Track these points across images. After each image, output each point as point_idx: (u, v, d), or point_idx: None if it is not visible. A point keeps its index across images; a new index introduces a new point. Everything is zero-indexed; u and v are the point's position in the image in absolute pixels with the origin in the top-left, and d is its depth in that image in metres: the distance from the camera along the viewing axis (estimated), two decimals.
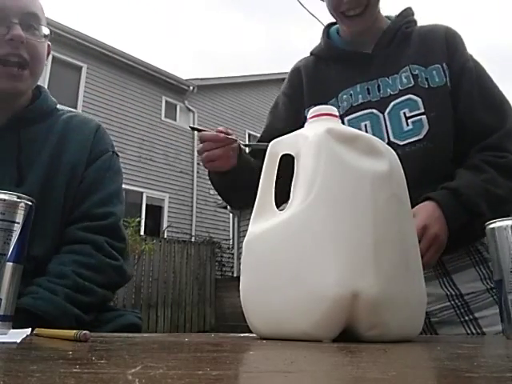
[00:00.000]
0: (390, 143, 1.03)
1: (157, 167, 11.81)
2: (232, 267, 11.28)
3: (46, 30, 0.99)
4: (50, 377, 0.27)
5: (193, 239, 11.22)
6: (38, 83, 1.06)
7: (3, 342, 0.48)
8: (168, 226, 11.22)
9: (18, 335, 0.53)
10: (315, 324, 0.55)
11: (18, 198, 0.61)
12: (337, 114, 0.69)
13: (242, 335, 0.76)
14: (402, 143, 1.04)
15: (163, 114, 12.51)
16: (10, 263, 0.58)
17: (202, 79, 13.43)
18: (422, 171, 1.00)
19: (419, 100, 1.06)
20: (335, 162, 0.60)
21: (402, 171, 0.68)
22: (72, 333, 0.50)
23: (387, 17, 1.21)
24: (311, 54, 1.29)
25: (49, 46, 1.05)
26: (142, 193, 11.13)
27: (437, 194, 0.95)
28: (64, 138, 1.02)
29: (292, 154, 0.65)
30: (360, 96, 1.11)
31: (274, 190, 0.69)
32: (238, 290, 0.68)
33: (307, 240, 0.58)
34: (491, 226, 0.69)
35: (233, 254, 11.39)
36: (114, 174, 1.08)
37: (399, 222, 0.62)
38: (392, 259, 0.59)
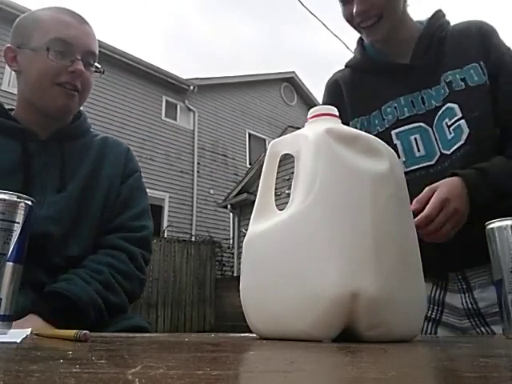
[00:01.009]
0: (442, 155, 1.05)
1: (157, 167, 11.81)
2: (232, 267, 11.29)
3: (98, 65, 1.16)
4: (49, 377, 0.27)
5: (193, 239, 11.22)
6: None
7: (3, 342, 0.48)
8: (168, 226, 11.23)
9: (18, 335, 0.53)
10: (315, 324, 0.55)
11: (18, 197, 0.61)
12: (337, 113, 0.69)
13: (242, 335, 0.76)
14: (449, 152, 1.04)
15: (163, 114, 12.51)
16: (10, 263, 0.58)
17: (202, 79, 13.44)
18: None
19: (455, 106, 1.04)
20: (335, 161, 0.60)
21: (402, 171, 0.68)
22: (72, 333, 0.50)
23: (418, 21, 1.17)
24: (347, 66, 1.26)
25: None
26: None
27: (463, 171, 0.94)
28: (102, 154, 1.16)
29: (292, 153, 0.65)
30: (405, 109, 1.10)
31: (274, 189, 0.69)
32: (238, 290, 0.68)
33: (307, 240, 0.58)
34: (491, 225, 0.69)
35: (233, 253, 11.40)
36: (142, 192, 1.22)
37: (399, 222, 0.62)
38: (392, 259, 0.59)
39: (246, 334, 0.73)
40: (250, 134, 14.58)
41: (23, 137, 1.07)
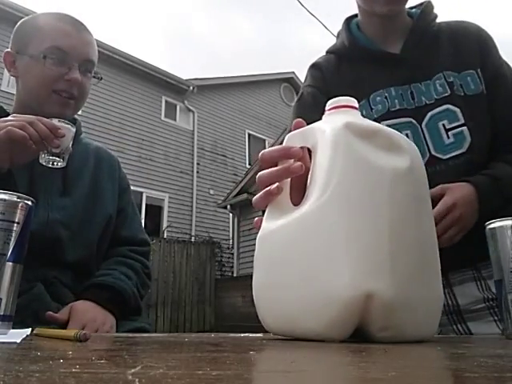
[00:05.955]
0: (431, 157, 1.00)
1: (157, 167, 11.81)
2: (232, 267, 11.27)
3: (96, 72, 1.17)
4: (49, 377, 0.27)
5: (193, 239, 11.21)
6: None
7: (3, 342, 0.48)
8: (168, 226, 11.22)
9: (17, 335, 0.53)
10: (327, 325, 0.54)
11: (18, 197, 0.61)
12: (356, 105, 0.66)
13: (242, 335, 0.76)
14: (444, 157, 1.00)
15: (163, 114, 12.52)
16: (10, 263, 0.58)
17: (201, 79, 13.44)
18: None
19: (458, 110, 1.00)
20: (353, 158, 0.58)
21: (424, 168, 0.65)
22: (72, 333, 0.50)
23: (408, 11, 1.13)
24: (330, 52, 1.18)
25: None
26: (141, 193, 11.12)
27: (475, 178, 0.93)
28: (99, 164, 1.22)
29: (309, 147, 0.63)
30: (396, 101, 1.03)
31: (289, 184, 0.67)
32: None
33: (321, 238, 0.56)
34: (491, 225, 0.69)
35: (232, 253, 11.39)
36: (135, 205, 1.32)
37: (418, 222, 0.60)
38: (409, 260, 0.56)
39: (247, 334, 0.73)
40: (249, 135, 14.57)
41: None
